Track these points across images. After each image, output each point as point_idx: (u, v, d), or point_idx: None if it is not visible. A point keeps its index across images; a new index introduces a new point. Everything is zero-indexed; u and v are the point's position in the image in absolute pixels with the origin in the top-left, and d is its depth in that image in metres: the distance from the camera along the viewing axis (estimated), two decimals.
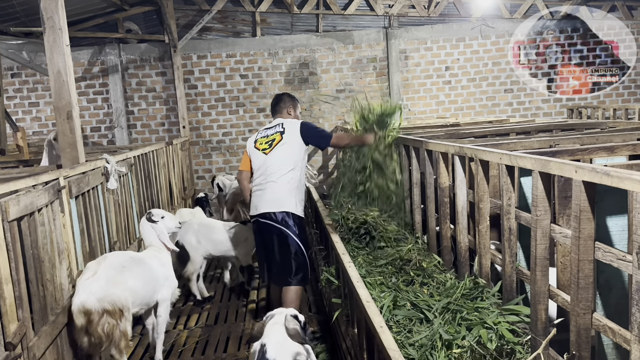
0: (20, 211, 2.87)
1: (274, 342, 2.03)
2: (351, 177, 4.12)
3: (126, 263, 3.64)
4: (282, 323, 2.10)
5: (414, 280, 3.31)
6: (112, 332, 3.37)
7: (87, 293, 3.31)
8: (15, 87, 9.58)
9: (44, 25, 3.97)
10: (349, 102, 10.09)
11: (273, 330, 2.09)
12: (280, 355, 1.97)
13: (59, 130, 3.96)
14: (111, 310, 3.35)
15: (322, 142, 4.01)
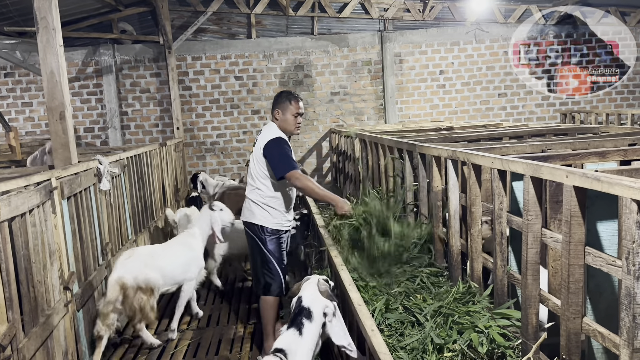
0: (11, 212, 2.85)
1: (308, 295, 2.48)
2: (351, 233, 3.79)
3: (158, 250, 4.36)
4: (315, 283, 2.55)
5: (407, 284, 3.32)
6: (144, 306, 3.97)
7: (125, 270, 3.96)
8: (8, 87, 9.53)
9: (37, 25, 3.96)
10: (343, 105, 10.12)
11: (308, 287, 2.54)
12: (313, 304, 2.43)
13: (52, 131, 3.94)
14: (144, 288, 3.98)
15: (276, 172, 3.58)
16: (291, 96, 3.75)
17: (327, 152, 10.21)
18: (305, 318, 2.38)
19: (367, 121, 10.13)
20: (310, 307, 2.42)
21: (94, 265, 4.25)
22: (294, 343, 2.28)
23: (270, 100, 9.81)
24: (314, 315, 2.40)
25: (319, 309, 2.43)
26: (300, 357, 2.26)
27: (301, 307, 2.43)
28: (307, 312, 2.40)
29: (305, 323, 2.37)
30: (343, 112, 10.15)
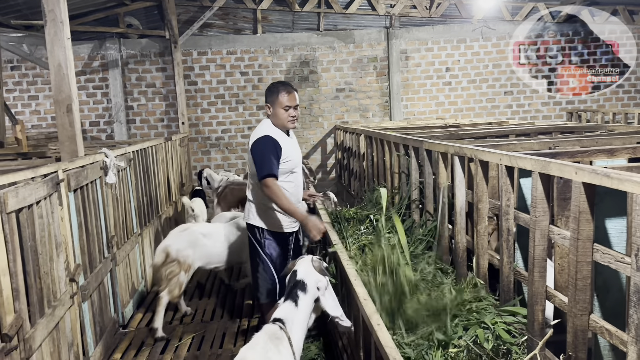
0: (18, 203, 2.86)
1: (303, 269, 2.66)
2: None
3: (212, 231, 4.73)
4: (309, 260, 2.73)
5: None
6: (172, 278, 4.45)
7: (173, 241, 4.53)
8: (15, 80, 9.55)
9: (45, 18, 3.96)
10: (348, 102, 10.11)
11: (302, 263, 2.72)
12: (307, 278, 2.61)
13: (59, 123, 3.96)
14: (181, 263, 4.45)
15: (257, 174, 3.43)
16: (280, 87, 3.49)
17: (332, 149, 10.20)
18: (300, 290, 2.57)
19: (372, 118, 10.11)
20: (305, 280, 2.60)
21: (100, 257, 4.26)
22: (290, 312, 2.48)
23: None
24: (307, 287, 2.59)
25: (312, 282, 2.61)
26: (297, 325, 2.47)
27: (296, 281, 2.61)
28: (301, 285, 2.59)
29: (300, 295, 2.56)
30: (348, 108, 10.13)
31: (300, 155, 3.79)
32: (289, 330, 2.38)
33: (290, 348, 2.36)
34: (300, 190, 3.79)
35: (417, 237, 4.00)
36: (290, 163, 3.59)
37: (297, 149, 3.73)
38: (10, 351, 2.66)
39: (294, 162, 3.62)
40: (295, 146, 3.74)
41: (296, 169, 3.68)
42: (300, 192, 3.80)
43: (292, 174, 3.65)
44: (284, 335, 2.31)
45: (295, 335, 2.41)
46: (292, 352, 2.37)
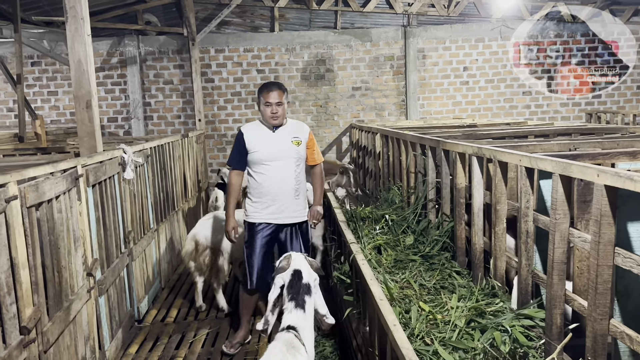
0: (38, 197, 2.90)
1: (306, 271, 2.61)
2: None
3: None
4: (304, 258, 2.71)
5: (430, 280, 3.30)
6: (209, 264, 4.70)
7: (200, 229, 4.74)
8: (35, 76, 9.69)
9: (66, 14, 4.00)
10: (364, 100, 10.08)
11: (302, 262, 2.66)
12: (310, 279, 2.60)
13: (78, 119, 4.00)
14: (213, 249, 4.67)
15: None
16: (263, 86, 3.77)
17: (347, 147, 10.19)
18: (306, 295, 2.53)
19: (388, 117, 10.07)
20: (309, 282, 2.58)
21: (117, 252, 4.30)
22: (301, 319, 2.45)
23: (292, 94, 9.94)
24: (311, 290, 2.57)
25: (313, 283, 2.60)
26: (308, 331, 2.44)
27: (302, 284, 2.56)
28: (306, 289, 2.56)
29: (306, 300, 2.52)
30: (364, 107, 10.10)
31: (280, 149, 3.77)
32: (303, 337, 2.36)
33: (307, 355, 2.34)
34: (275, 186, 3.78)
35: (433, 237, 3.97)
36: (256, 154, 3.74)
37: (275, 143, 3.77)
38: (28, 343, 2.70)
39: (261, 154, 3.74)
40: (274, 140, 3.78)
41: (270, 163, 3.75)
42: (276, 188, 3.78)
43: (263, 166, 3.75)
44: (299, 344, 2.29)
45: (308, 341, 2.39)
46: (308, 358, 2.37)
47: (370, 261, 3.35)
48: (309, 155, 3.91)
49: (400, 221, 4.41)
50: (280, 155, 3.77)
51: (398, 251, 3.95)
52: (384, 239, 4.09)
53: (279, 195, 3.78)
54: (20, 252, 2.72)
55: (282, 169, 3.77)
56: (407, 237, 4.12)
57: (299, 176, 3.84)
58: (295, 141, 3.80)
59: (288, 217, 3.84)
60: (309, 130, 3.94)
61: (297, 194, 3.83)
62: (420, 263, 3.68)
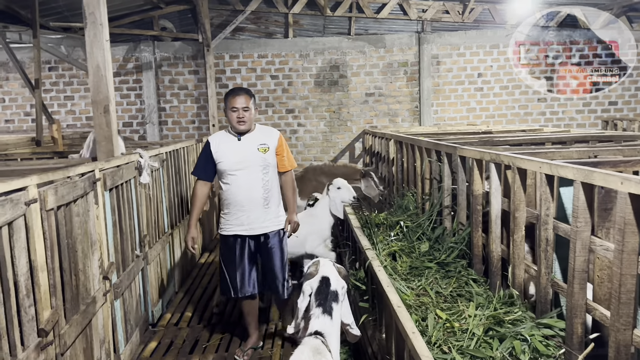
0: (57, 201, 2.92)
1: (334, 278, 2.57)
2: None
3: None
4: (332, 265, 2.67)
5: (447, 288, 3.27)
6: None
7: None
8: (52, 81, 9.82)
9: (85, 20, 4.05)
10: (378, 106, 10.06)
11: (331, 269, 2.62)
12: (338, 287, 2.55)
13: (96, 124, 4.03)
14: None
15: None
16: (228, 93, 3.68)
17: (360, 153, 10.17)
18: (334, 301, 2.50)
19: (402, 123, 10.05)
20: (337, 289, 2.54)
21: (132, 256, 4.32)
22: (328, 326, 2.43)
23: (306, 100, 9.97)
24: (339, 297, 2.53)
25: (341, 290, 2.55)
26: (334, 338, 2.43)
27: (329, 291, 2.52)
28: (334, 295, 2.52)
29: (334, 307, 2.49)
30: (377, 113, 10.09)
31: (245, 158, 3.65)
32: (329, 343, 2.34)
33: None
34: (243, 196, 3.67)
35: (448, 244, 3.94)
36: (221, 164, 3.67)
37: (240, 152, 3.66)
38: (46, 346, 2.72)
39: (226, 164, 3.65)
40: (239, 148, 3.66)
41: (235, 172, 3.65)
42: (243, 198, 3.68)
43: (229, 176, 3.67)
44: (325, 350, 2.29)
45: (334, 348, 2.38)
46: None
47: (385, 268, 3.33)
48: (278, 161, 3.76)
49: (415, 228, 4.39)
50: (246, 164, 3.64)
51: (413, 258, 3.93)
52: (399, 246, 4.07)
53: (246, 206, 3.67)
54: (39, 255, 2.74)
55: (248, 178, 3.64)
56: (423, 244, 4.10)
57: (268, 184, 3.69)
58: (261, 148, 3.66)
59: (259, 227, 3.73)
60: (279, 136, 3.79)
61: (266, 203, 3.70)
62: (436, 270, 3.65)
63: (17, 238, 2.55)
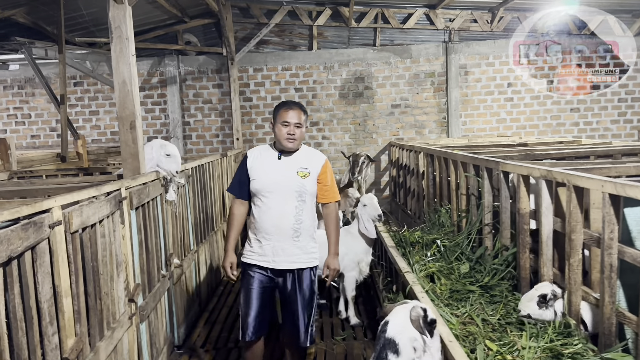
0: (82, 223, 2.79)
1: (396, 323, 2.18)
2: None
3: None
4: (408, 309, 2.24)
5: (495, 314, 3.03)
6: None
7: None
8: (77, 96, 9.86)
9: (111, 34, 3.96)
10: (404, 118, 9.85)
11: (398, 312, 2.25)
12: (399, 335, 2.13)
13: (122, 140, 3.92)
14: None
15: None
16: (283, 104, 3.27)
17: (386, 166, 9.95)
18: (391, 352, 2.09)
19: (429, 135, 9.81)
20: (396, 338, 2.12)
21: (158, 276, 4.18)
22: None
23: (330, 112, 9.81)
24: (400, 349, 2.09)
25: (406, 342, 2.11)
26: None
27: (385, 338, 2.15)
28: (392, 345, 2.11)
29: (389, 357, 2.09)
30: (403, 125, 9.88)
31: (281, 180, 3.20)
32: None
33: None
34: (271, 222, 3.22)
35: (491, 266, 3.70)
36: (254, 183, 3.21)
37: (277, 172, 3.22)
38: None
39: (259, 183, 3.20)
40: (277, 168, 3.23)
41: (267, 194, 3.20)
42: (269, 226, 3.22)
43: (261, 197, 3.22)
44: None
45: None
46: None
47: (428, 293, 3.11)
48: (318, 190, 3.27)
49: (453, 247, 4.16)
50: (280, 187, 3.18)
51: (453, 280, 3.70)
52: (437, 267, 3.84)
53: (273, 235, 3.20)
54: (64, 279, 2.60)
55: (280, 203, 3.19)
56: (462, 265, 3.86)
57: (302, 214, 3.20)
58: (301, 172, 3.19)
59: (284, 261, 3.21)
60: (325, 162, 3.29)
61: (296, 235, 3.19)
62: (480, 294, 3.41)
63: (41, 263, 2.41)
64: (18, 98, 9.87)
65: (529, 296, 2.91)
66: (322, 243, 3.42)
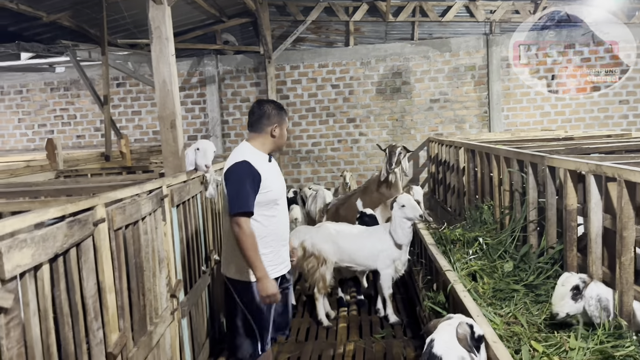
0: (125, 220, 2.85)
1: (442, 340, 2.12)
2: None
3: (345, 231, 4.94)
4: (454, 326, 2.18)
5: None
6: (313, 272, 4.83)
7: (309, 236, 4.92)
8: (119, 96, 10.13)
9: (151, 35, 4.03)
10: (443, 113, 9.67)
11: (444, 329, 2.18)
12: (446, 354, 2.06)
13: (163, 139, 3.99)
14: (317, 256, 4.81)
15: (229, 208, 2.95)
16: (282, 108, 3.18)
17: (424, 162, 9.80)
18: None
19: (469, 130, 9.60)
20: (443, 357, 2.06)
21: (199, 272, 4.23)
22: None
23: (367, 108, 9.72)
24: None
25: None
26: None
27: (432, 355, 2.09)
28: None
29: None
30: (443, 120, 9.69)
31: (283, 183, 3.21)
32: None
33: None
34: (284, 228, 3.20)
35: (536, 264, 3.57)
36: (271, 194, 3.03)
37: (279, 177, 3.19)
38: None
39: (276, 192, 3.06)
40: (277, 173, 3.18)
41: (280, 202, 3.13)
42: (285, 231, 3.20)
43: (275, 206, 3.09)
44: None
45: None
46: None
47: (470, 292, 3.03)
48: None
49: (495, 245, 4.04)
50: (284, 191, 3.21)
51: (496, 279, 3.59)
52: (479, 265, 3.74)
53: (286, 239, 3.21)
54: (107, 276, 2.66)
55: (285, 206, 3.22)
56: (506, 263, 3.75)
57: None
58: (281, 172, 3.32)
59: (288, 262, 3.27)
60: None
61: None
62: (524, 294, 3.30)
63: (86, 259, 2.47)
64: (64, 99, 10.23)
65: (560, 294, 2.74)
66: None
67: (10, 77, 10.10)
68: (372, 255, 4.77)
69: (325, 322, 4.91)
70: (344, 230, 5.00)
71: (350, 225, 5.21)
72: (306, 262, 4.89)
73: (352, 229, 5.06)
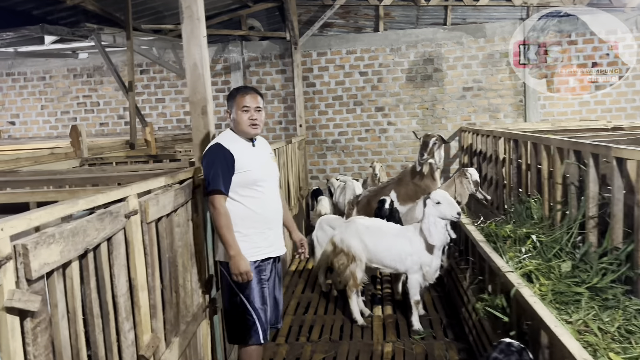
0: (158, 212, 2.63)
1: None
2: None
3: (375, 228, 4.63)
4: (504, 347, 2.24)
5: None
6: (343, 269, 4.59)
7: (339, 232, 4.77)
8: (143, 84, 9.94)
9: (182, 15, 3.77)
10: (476, 101, 9.30)
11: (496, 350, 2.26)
12: None
13: (194, 126, 3.75)
14: (346, 253, 4.55)
15: (206, 187, 3.05)
16: (238, 89, 3.23)
17: (456, 153, 9.45)
18: None
19: (504, 119, 9.21)
20: None
21: None
22: None
23: (396, 97, 9.39)
24: None
25: None
26: None
27: None
28: None
29: None
30: (476, 109, 9.32)
31: (272, 167, 3.24)
32: None
33: None
34: (272, 210, 3.18)
35: (599, 265, 3.26)
36: (249, 174, 3.05)
37: (265, 160, 3.20)
38: None
39: (256, 172, 3.07)
40: (262, 156, 3.20)
41: (263, 183, 3.11)
42: (273, 213, 3.19)
43: (257, 187, 3.09)
44: None
45: None
46: None
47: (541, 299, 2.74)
48: None
49: (550, 242, 3.73)
50: (270, 174, 3.22)
51: (554, 280, 3.29)
52: (534, 265, 3.45)
53: (273, 222, 3.20)
54: (140, 272, 2.45)
55: (273, 190, 3.22)
56: (563, 263, 3.45)
57: (280, 198, 3.33)
58: (272, 157, 3.30)
59: (281, 246, 3.27)
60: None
61: (281, 218, 3.31)
62: (590, 298, 3.00)
63: (117, 255, 2.26)
64: (87, 86, 10.09)
65: None
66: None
67: (33, 63, 9.99)
68: (400, 257, 4.44)
69: (360, 320, 4.63)
70: (374, 226, 4.68)
71: (382, 222, 4.88)
72: (337, 259, 4.66)
73: (382, 226, 4.73)
